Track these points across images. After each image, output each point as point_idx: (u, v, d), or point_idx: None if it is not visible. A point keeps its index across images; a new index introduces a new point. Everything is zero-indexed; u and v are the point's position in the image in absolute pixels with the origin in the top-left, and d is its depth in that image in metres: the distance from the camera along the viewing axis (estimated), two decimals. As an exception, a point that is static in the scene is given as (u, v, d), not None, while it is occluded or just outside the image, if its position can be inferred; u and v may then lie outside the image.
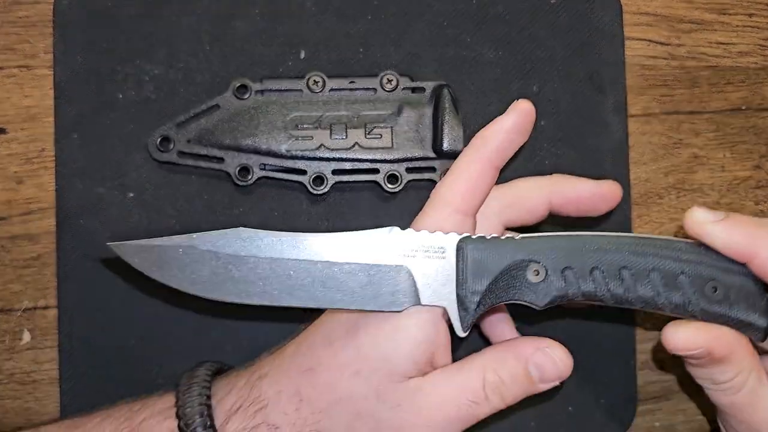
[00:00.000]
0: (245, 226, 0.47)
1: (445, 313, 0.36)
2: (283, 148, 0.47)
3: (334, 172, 0.47)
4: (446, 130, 0.47)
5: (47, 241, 0.47)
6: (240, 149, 0.47)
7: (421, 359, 0.36)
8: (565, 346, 0.49)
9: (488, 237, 0.36)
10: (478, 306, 0.35)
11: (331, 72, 0.48)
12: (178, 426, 0.36)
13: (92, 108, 0.48)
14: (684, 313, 0.36)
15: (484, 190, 0.38)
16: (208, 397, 0.37)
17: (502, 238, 0.36)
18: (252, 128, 0.47)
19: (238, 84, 0.47)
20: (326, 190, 0.47)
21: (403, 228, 0.37)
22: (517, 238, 0.36)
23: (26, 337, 0.48)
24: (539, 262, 0.35)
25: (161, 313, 0.47)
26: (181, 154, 0.47)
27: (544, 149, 0.49)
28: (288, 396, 0.36)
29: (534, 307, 0.36)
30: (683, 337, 0.36)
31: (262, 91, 0.48)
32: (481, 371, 0.36)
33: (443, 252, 0.35)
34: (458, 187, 0.38)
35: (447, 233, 0.36)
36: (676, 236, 0.49)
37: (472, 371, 0.36)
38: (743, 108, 0.51)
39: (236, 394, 0.37)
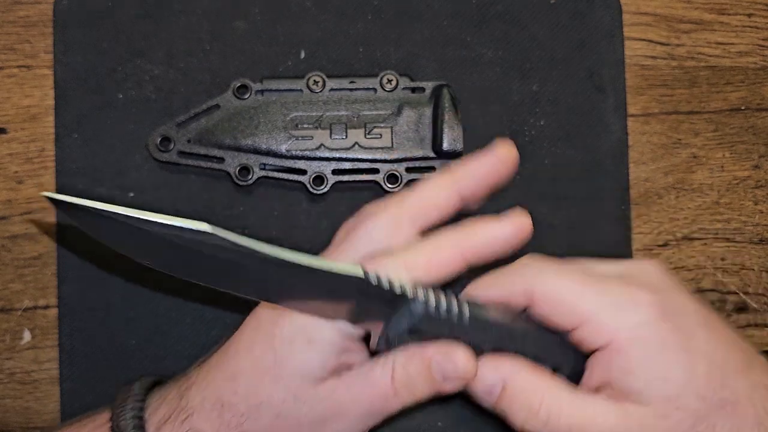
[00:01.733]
0: (245, 226, 0.48)
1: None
2: (283, 148, 0.47)
3: (334, 172, 0.48)
4: (446, 130, 0.47)
5: (47, 240, 0.48)
6: (240, 149, 0.47)
7: (333, 366, 0.37)
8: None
9: (434, 302, 0.36)
10: (398, 345, 0.37)
11: (331, 72, 0.48)
12: None
13: (92, 108, 0.48)
14: None
15: (443, 214, 0.39)
16: (141, 409, 0.39)
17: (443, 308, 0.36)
18: (252, 128, 0.47)
19: (238, 84, 0.48)
20: (326, 189, 0.47)
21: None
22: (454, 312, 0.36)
23: (26, 336, 0.48)
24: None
25: (161, 313, 0.48)
26: (182, 154, 0.47)
27: (544, 149, 0.50)
28: (211, 403, 0.38)
29: None
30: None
31: (262, 91, 0.48)
32: (390, 369, 0.37)
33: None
34: (420, 203, 0.39)
35: (402, 278, 0.36)
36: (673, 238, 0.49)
37: (384, 369, 0.37)
38: (742, 108, 0.52)
39: (167, 405, 0.39)
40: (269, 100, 0.48)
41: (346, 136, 0.47)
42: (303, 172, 0.47)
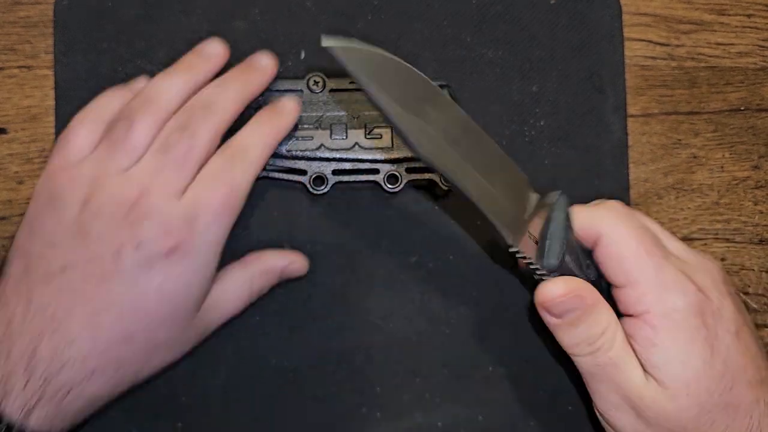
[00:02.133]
0: (245, 226, 0.48)
1: None
2: (283, 148, 0.47)
3: (334, 172, 0.48)
4: (446, 130, 0.47)
5: (48, 240, 0.48)
6: (240, 149, 0.47)
7: None
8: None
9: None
10: None
11: (331, 72, 0.48)
12: None
13: (92, 108, 0.48)
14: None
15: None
16: None
17: None
18: (252, 128, 0.47)
19: (239, 84, 0.47)
20: (326, 190, 0.47)
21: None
22: None
23: (27, 336, 0.48)
24: None
25: (162, 312, 0.47)
26: (182, 154, 0.47)
27: (543, 149, 0.50)
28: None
29: None
30: (555, 287, 0.38)
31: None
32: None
33: None
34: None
35: None
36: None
37: None
38: (742, 108, 0.52)
39: None
40: (269, 100, 0.48)
41: (347, 137, 0.47)
42: (303, 172, 0.47)
